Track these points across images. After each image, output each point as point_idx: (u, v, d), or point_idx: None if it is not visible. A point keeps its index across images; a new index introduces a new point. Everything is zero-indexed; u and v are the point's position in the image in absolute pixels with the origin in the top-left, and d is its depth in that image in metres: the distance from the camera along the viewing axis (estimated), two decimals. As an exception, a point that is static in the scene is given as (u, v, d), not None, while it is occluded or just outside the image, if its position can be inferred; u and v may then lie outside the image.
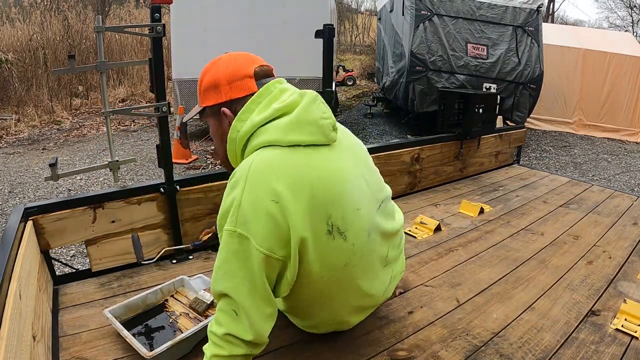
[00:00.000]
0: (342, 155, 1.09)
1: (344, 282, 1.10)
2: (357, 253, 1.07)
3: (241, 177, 0.97)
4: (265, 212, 0.95)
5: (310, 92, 1.08)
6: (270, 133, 1.01)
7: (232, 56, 1.11)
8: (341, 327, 1.27)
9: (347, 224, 1.03)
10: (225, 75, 1.07)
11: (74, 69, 1.63)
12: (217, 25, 5.73)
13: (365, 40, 21.43)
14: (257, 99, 1.05)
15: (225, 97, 1.07)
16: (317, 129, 1.03)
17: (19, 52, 8.63)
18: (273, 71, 1.14)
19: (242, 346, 0.97)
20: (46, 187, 4.55)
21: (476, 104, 2.94)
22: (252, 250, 0.95)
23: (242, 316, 0.96)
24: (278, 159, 0.99)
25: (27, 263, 1.27)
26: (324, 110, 1.06)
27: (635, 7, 21.43)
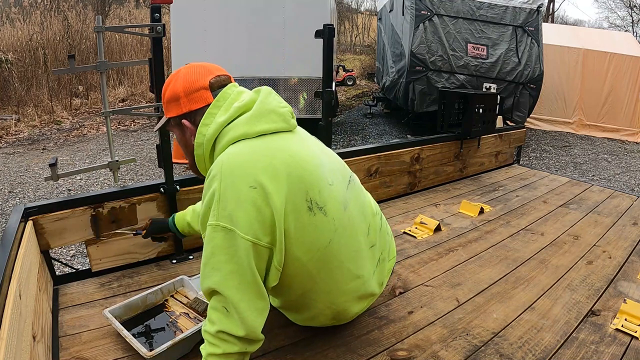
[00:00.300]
0: (305, 139, 1.16)
1: (330, 262, 1.11)
2: (338, 228, 1.10)
3: (216, 173, 1.00)
4: (245, 199, 0.97)
5: (265, 87, 1.15)
6: (236, 129, 1.05)
7: (190, 68, 1.15)
8: (339, 318, 1.26)
9: (324, 198, 1.06)
10: (183, 88, 1.11)
11: (74, 69, 1.63)
12: (217, 25, 5.72)
13: (365, 40, 21.43)
14: (217, 103, 1.10)
15: (185, 109, 1.12)
16: (278, 117, 1.10)
17: (19, 52, 8.64)
18: (231, 78, 1.18)
19: (235, 343, 0.98)
20: (46, 187, 4.55)
21: (476, 104, 2.94)
22: (238, 241, 0.96)
23: (233, 312, 0.96)
24: (249, 149, 1.03)
25: (27, 263, 1.27)
26: (280, 101, 1.14)
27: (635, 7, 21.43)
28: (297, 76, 5.85)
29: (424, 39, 5.91)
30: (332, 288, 1.15)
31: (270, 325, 1.36)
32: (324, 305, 1.19)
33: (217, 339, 0.98)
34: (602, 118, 8.14)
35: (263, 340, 1.05)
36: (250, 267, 0.98)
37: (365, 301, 1.28)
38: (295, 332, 1.34)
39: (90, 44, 9.52)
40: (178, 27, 5.74)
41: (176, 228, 1.57)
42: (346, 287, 1.18)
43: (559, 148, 7.12)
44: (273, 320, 1.36)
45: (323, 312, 1.22)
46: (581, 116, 8.23)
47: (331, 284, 1.14)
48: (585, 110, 8.19)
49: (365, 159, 2.45)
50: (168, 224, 1.59)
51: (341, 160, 1.29)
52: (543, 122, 8.34)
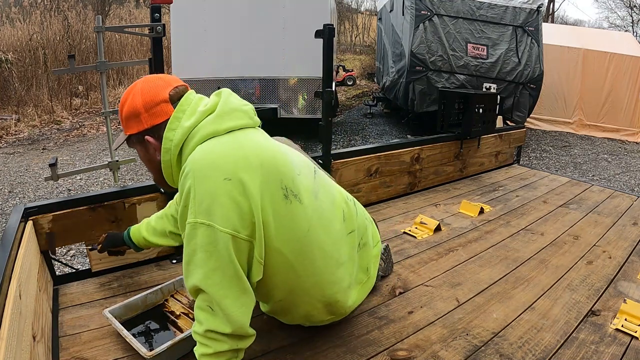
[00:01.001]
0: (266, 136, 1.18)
1: (311, 252, 1.11)
2: (313, 216, 1.11)
3: (190, 170, 0.99)
4: (221, 192, 0.96)
5: (224, 89, 1.15)
6: (204, 130, 1.05)
7: (146, 82, 1.12)
8: (335, 310, 1.25)
9: (298, 187, 1.08)
10: (143, 102, 1.09)
11: (74, 69, 1.64)
12: (217, 25, 5.72)
13: (365, 40, 21.43)
14: (181, 107, 1.09)
15: (146, 124, 1.10)
16: (243, 114, 1.11)
17: (19, 52, 8.64)
18: (188, 88, 1.17)
19: (225, 341, 0.98)
20: (46, 187, 4.55)
21: (476, 104, 2.94)
22: (217, 235, 0.96)
23: (217, 310, 0.96)
24: (219, 145, 1.03)
25: (27, 263, 1.27)
26: (241, 100, 1.16)
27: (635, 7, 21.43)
28: (297, 76, 5.85)
29: (424, 39, 5.91)
30: (318, 280, 1.15)
31: (270, 325, 1.36)
32: (314, 300, 1.19)
33: (206, 339, 0.98)
34: (602, 118, 8.14)
35: (254, 336, 1.05)
36: (232, 261, 0.97)
37: (355, 289, 1.28)
38: (295, 332, 1.34)
39: (90, 44, 9.52)
40: (178, 27, 5.74)
41: (131, 241, 1.51)
42: (331, 276, 1.17)
43: (559, 148, 7.12)
44: (273, 320, 1.36)
45: (315, 307, 1.21)
46: (581, 116, 8.23)
47: (315, 275, 1.14)
48: (585, 110, 8.19)
49: (365, 159, 2.45)
50: (123, 238, 1.53)
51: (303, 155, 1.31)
52: (543, 122, 8.34)
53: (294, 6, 5.71)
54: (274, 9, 5.75)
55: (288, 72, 5.85)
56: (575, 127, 8.28)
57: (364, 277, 1.33)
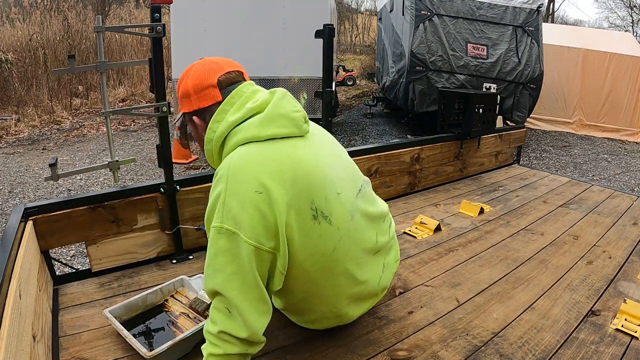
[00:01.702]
0: (317, 144, 1.14)
1: (334, 268, 1.11)
2: (343, 237, 1.09)
3: (223, 174, 1.00)
4: (250, 204, 0.97)
5: (280, 89, 1.13)
6: (246, 131, 1.05)
7: (201, 64, 1.14)
8: (341, 320, 1.26)
9: (331, 207, 1.06)
10: (193, 85, 1.11)
11: (74, 69, 1.63)
12: (217, 25, 5.73)
13: (365, 40, 21.43)
14: (230, 100, 1.09)
15: (195, 106, 1.12)
16: (289, 122, 1.07)
17: (19, 52, 8.64)
18: (244, 74, 1.17)
19: (236, 344, 0.98)
20: (46, 187, 4.55)
21: (476, 104, 2.94)
22: (241, 244, 0.96)
23: (235, 313, 0.96)
24: (257, 152, 1.02)
25: (27, 263, 1.27)
26: (294, 105, 1.12)
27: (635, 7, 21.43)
28: (297, 76, 5.85)
29: (424, 39, 5.91)
30: (335, 292, 1.15)
31: (270, 325, 1.35)
32: (326, 309, 1.20)
33: (218, 340, 0.98)
34: (602, 118, 8.14)
35: (264, 343, 1.05)
36: (252, 270, 0.98)
37: (367, 303, 1.28)
38: (296, 332, 1.34)
39: (90, 44, 9.52)
40: (178, 27, 5.74)
41: None
42: (350, 291, 1.18)
43: (559, 148, 7.12)
44: (273, 320, 1.35)
45: (325, 316, 1.22)
46: (581, 116, 8.23)
47: (334, 289, 1.14)
48: (585, 110, 8.19)
49: (365, 159, 2.45)
50: None
51: (354, 165, 1.28)
52: (543, 122, 8.34)
53: (294, 6, 5.71)
54: (274, 9, 5.75)
55: (288, 72, 5.85)
56: (575, 127, 8.28)
57: (380, 293, 1.32)
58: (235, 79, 1.13)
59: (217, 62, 1.14)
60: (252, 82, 1.17)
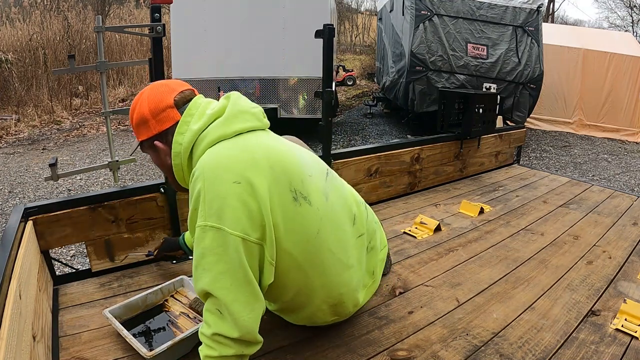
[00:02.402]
0: (279, 137, 1.19)
1: (320, 253, 1.11)
2: (323, 218, 1.11)
3: (199, 174, 1.00)
4: (231, 195, 0.97)
5: (234, 92, 1.16)
6: (212, 133, 1.06)
7: (152, 89, 1.14)
8: (338, 313, 1.25)
9: (307, 188, 1.08)
10: (149, 109, 1.11)
11: (74, 69, 1.64)
12: (217, 25, 5.73)
13: (365, 40, 21.42)
14: (189, 111, 1.10)
15: (154, 130, 1.12)
16: (251, 116, 1.11)
17: (19, 52, 8.64)
18: (195, 92, 1.19)
19: (231, 345, 0.97)
20: (46, 187, 4.55)
21: (476, 104, 2.94)
22: (227, 238, 0.96)
23: (226, 314, 0.96)
24: (228, 147, 1.04)
25: (27, 263, 1.27)
26: (250, 102, 1.16)
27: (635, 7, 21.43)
28: (297, 76, 5.85)
29: (424, 39, 5.91)
30: (326, 281, 1.15)
31: (270, 325, 1.36)
32: (320, 301, 1.19)
33: (213, 342, 0.97)
34: (602, 118, 8.14)
35: (261, 343, 1.04)
36: (242, 265, 0.97)
37: (361, 292, 1.28)
38: (295, 332, 1.34)
39: (90, 44, 9.51)
40: (178, 27, 5.74)
41: (186, 246, 1.59)
42: (339, 278, 1.18)
43: (559, 148, 7.12)
44: (273, 320, 1.36)
45: (320, 308, 1.21)
46: (581, 116, 8.23)
47: (324, 276, 1.14)
48: (585, 110, 8.19)
49: (365, 159, 2.45)
50: (179, 242, 1.61)
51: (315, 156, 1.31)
52: (543, 122, 8.34)
53: (294, 6, 5.71)
54: (274, 9, 5.75)
55: (288, 72, 5.85)
56: (575, 127, 8.27)
57: (369, 280, 1.33)
58: (189, 96, 1.15)
59: (167, 84, 1.15)
60: (202, 95, 1.18)
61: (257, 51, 5.75)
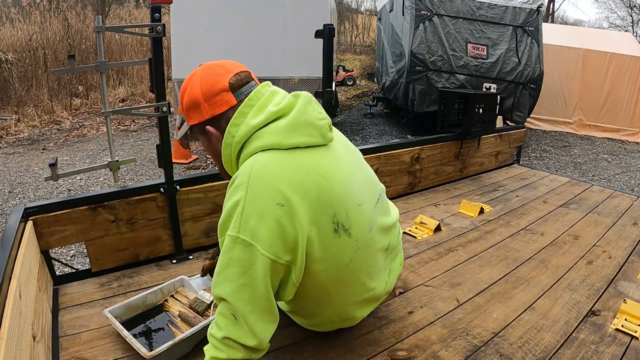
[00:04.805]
0: (340, 154, 1.09)
1: (348, 278, 1.10)
2: (360, 248, 1.07)
3: (243, 182, 0.95)
4: (270, 216, 0.93)
5: (305, 94, 1.06)
6: (268, 137, 0.99)
7: (205, 70, 1.06)
8: (346, 323, 1.27)
9: (351, 220, 1.03)
10: (202, 92, 1.04)
11: (74, 69, 1.63)
12: (217, 25, 5.72)
13: (365, 40, 21.42)
14: (249, 102, 1.03)
15: (207, 115, 1.05)
16: (315, 130, 1.02)
17: (19, 52, 8.64)
18: (252, 75, 1.11)
19: (241, 350, 0.97)
20: (46, 187, 4.55)
21: (476, 104, 2.94)
22: (257, 256, 0.93)
23: (242, 322, 0.95)
24: (280, 162, 0.97)
25: (27, 263, 1.27)
26: (319, 111, 1.06)
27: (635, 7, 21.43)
28: (297, 76, 5.85)
29: (424, 39, 5.91)
30: (345, 300, 1.15)
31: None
32: (333, 313, 1.20)
33: (222, 345, 0.97)
34: (602, 118, 8.14)
35: (267, 349, 1.04)
36: (265, 282, 0.96)
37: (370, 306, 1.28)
38: (296, 332, 1.34)
39: (90, 44, 9.51)
40: (178, 27, 5.74)
41: None
42: (358, 298, 1.18)
43: (559, 148, 7.12)
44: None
45: (331, 319, 1.22)
46: (581, 116, 8.23)
47: (345, 296, 1.14)
48: (585, 110, 8.19)
49: (365, 159, 2.44)
50: None
51: (373, 174, 1.25)
52: (543, 122, 8.34)
53: (294, 6, 5.71)
54: (274, 9, 5.75)
55: (288, 72, 5.85)
56: (575, 127, 8.27)
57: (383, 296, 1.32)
58: (245, 79, 1.07)
59: (223, 65, 1.06)
60: (269, 83, 1.11)
61: (257, 51, 5.75)
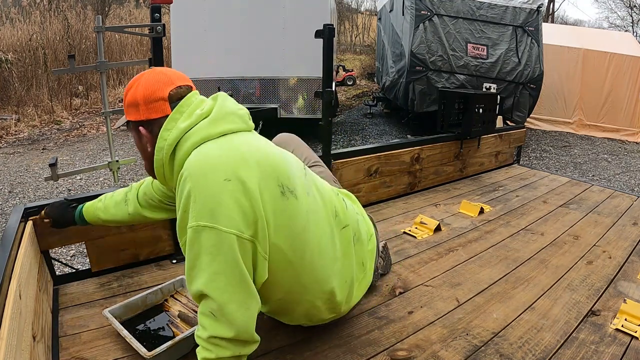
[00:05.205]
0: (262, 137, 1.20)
1: (309, 248, 1.11)
2: (309, 211, 1.12)
3: (188, 174, 0.99)
4: (222, 193, 0.96)
5: (221, 92, 1.16)
6: (198, 133, 1.05)
7: (152, 75, 1.13)
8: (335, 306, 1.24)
9: (291, 182, 1.09)
10: (143, 95, 1.10)
11: (74, 69, 1.64)
12: (217, 25, 5.72)
13: (365, 40, 21.42)
14: (180, 109, 1.09)
15: (142, 116, 1.11)
16: (237, 118, 1.12)
17: (19, 52, 8.64)
18: (193, 88, 1.17)
19: (228, 347, 0.97)
20: (46, 187, 4.55)
21: (476, 104, 2.94)
22: (221, 237, 0.95)
23: (220, 315, 0.96)
24: (215, 147, 1.03)
25: (27, 263, 1.27)
26: (237, 104, 1.16)
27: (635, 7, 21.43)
28: (297, 76, 5.85)
29: (424, 39, 5.91)
30: (316, 276, 1.15)
31: (270, 325, 1.36)
32: (313, 297, 1.18)
33: (209, 344, 0.97)
34: (602, 118, 8.14)
35: (259, 342, 1.04)
36: (237, 263, 0.97)
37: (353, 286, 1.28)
38: (295, 332, 1.34)
39: (90, 44, 9.51)
40: (178, 27, 5.74)
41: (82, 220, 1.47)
42: (329, 271, 1.18)
43: (559, 148, 7.12)
44: (273, 320, 1.36)
45: (315, 305, 1.20)
46: (581, 116, 8.23)
47: (314, 271, 1.14)
48: (585, 110, 8.19)
49: (365, 159, 2.45)
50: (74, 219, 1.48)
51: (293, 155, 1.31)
52: (543, 122, 8.34)
53: (294, 6, 5.70)
54: (274, 9, 5.75)
55: (288, 72, 5.85)
56: (575, 127, 8.27)
57: (360, 273, 1.33)
58: (184, 92, 1.13)
59: (168, 75, 1.13)
60: (197, 92, 1.17)
61: (257, 51, 5.75)
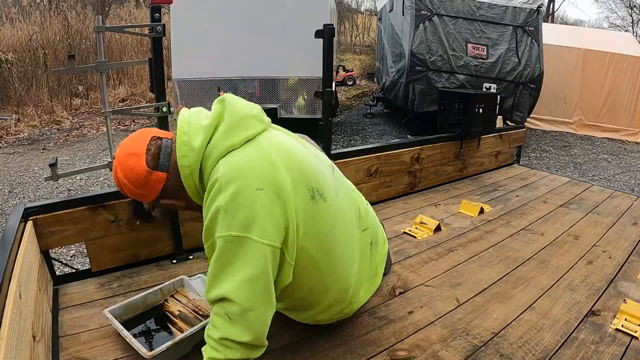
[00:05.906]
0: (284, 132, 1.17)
1: (334, 249, 1.11)
2: (337, 213, 1.11)
3: (219, 186, 0.97)
4: (255, 203, 0.96)
5: (226, 95, 1.12)
6: (219, 147, 1.02)
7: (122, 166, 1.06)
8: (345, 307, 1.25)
9: (322, 185, 1.08)
10: (135, 186, 1.06)
11: (74, 69, 1.63)
12: (217, 25, 5.72)
13: (365, 40, 21.41)
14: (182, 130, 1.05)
15: (153, 196, 1.09)
16: (254, 120, 1.09)
17: (19, 52, 8.63)
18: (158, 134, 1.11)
19: (238, 349, 0.97)
20: (46, 187, 4.55)
21: (476, 104, 2.94)
22: (253, 247, 0.95)
23: (238, 319, 0.96)
24: (242, 157, 1.02)
25: (27, 263, 1.27)
26: (247, 103, 1.13)
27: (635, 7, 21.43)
28: (297, 76, 5.84)
29: (424, 39, 5.91)
30: (337, 276, 1.15)
31: (270, 325, 1.36)
32: (331, 297, 1.19)
33: (219, 345, 0.97)
34: (602, 118, 8.14)
35: (266, 347, 1.04)
36: (266, 273, 0.97)
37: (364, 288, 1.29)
38: (296, 331, 1.34)
39: (90, 44, 9.51)
40: (178, 27, 5.73)
41: None
42: (348, 272, 1.18)
43: (559, 148, 7.12)
44: (273, 320, 1.36)
45: (330, 306, 1.21)
46: (581, 116, 8.23)
47: (336, 271, 1.15)
48: (585, 110, 8.19)
49: (365, 159, 2.45)
50: None
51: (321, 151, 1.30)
52: (543, 122, 8.33)
53: (294, 6, 5.70)
54: (274, 9, 5.74)
55: (288, 72, 5.84)
56: (575, 127, 8.27)
57: (372, 276, 1.34)
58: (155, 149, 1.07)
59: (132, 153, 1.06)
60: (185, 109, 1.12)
61: (257, 51, 5.74)
